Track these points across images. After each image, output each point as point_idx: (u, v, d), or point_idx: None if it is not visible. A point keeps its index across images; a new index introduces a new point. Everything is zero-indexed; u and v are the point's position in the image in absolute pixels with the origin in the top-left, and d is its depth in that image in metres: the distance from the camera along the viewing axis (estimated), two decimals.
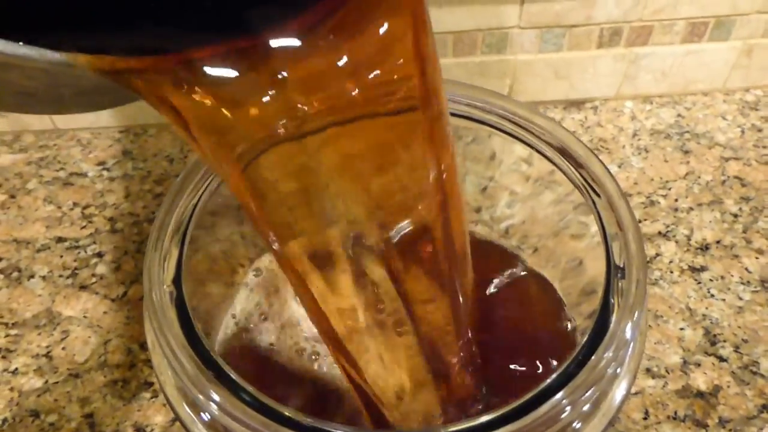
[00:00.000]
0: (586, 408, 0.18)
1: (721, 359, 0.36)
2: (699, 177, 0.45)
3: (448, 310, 0.19)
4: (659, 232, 0.42)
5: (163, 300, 0.21)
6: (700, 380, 0.35)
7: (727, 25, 0.47)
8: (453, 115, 0.28)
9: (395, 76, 0.16)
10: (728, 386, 0.35)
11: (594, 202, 0.23)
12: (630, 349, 0.18)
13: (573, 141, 0.24)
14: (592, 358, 0.18)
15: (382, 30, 0.16)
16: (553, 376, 0.18)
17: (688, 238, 0.42)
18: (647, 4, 0.45)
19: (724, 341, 0.37)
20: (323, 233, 0.17)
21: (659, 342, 0.36)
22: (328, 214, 0.17)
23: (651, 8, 0.45)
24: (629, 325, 0.19)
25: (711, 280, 0.39)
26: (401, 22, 0.16)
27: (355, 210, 0.17)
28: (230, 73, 0.15)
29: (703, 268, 0.40)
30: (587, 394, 0.18)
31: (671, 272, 0.40)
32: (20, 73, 0.14)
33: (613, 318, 0.19)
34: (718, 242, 0.41)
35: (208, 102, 0.16)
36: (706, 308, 0.38)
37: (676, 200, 0.44)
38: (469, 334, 0.21)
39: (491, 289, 0.27)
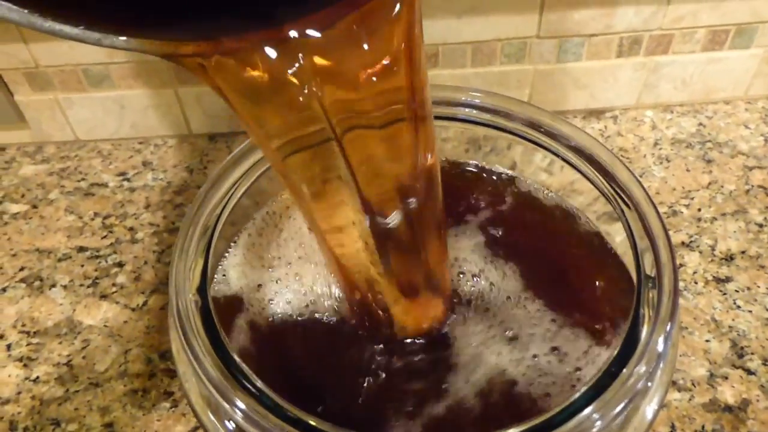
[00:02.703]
0: (616, 423, 0.18)
1: (749, 372, 0.35)
2: (722, 186, 0.45)
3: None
4: (682, 243, 0.41)
5: (188, 308, 0.21)
6: (727, 394, 0.34)
7: (748, 33, 0.47)
8: (475, 123, 0.28)
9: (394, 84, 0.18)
10: (757, 400, 0.34)
11: (622, 210, 0.22)
12: (662, 363, 0.18)
13: (598, 147, 0.24)
14: (623, 371, 0.18)
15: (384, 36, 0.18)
16: (583, 389, 0.18)
17: (712, 248, 0.41)
18: (667, 12, 0.45)
19: (752, 354, 0.36)
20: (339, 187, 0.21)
21: (684, 354, 0.36)
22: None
23: (671, 17, 0.45)
24: (661, 338, 0.18)
25: (737, 291, 0.39)
26: (400, 27, 0.17)
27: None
28: (261, 61, 0.17)
29: (728, 279, 0.39)
30: (618, 409, 0.18)
31: (695, 283, 0.39)
32: None
33: (644, 330, 0.19)
34: (743, 253, 0.41)
35: (245, 86, 0.17)
36: (733, 320, 0.37)
37: (699, 210, 0.43)
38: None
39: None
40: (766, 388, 0.34)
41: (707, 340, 0.36)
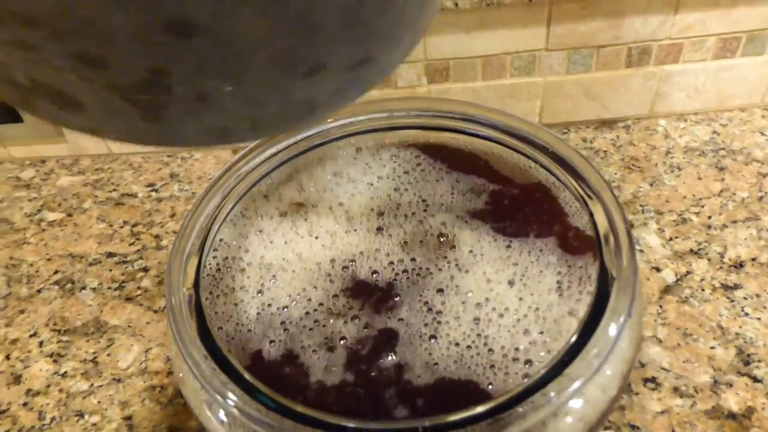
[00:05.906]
0: (571, 407, 0.19)
1: (756, 380, 0.35)
2: (734, 194, 0.44)
3: None
4: (691, 250, 0.41)
5: (182, 303, 0.22)
6: (731, 401, 0.34)
7: (761, 39, 0.46)
8: (459, 132, 0.29)
9: None
10: (763, 408, 0.34)
11: (591, 212, 0.23)
12: (614, 351, 0.19)
13: (574, 154, 0.25)
14: (576, 358, 0.18)
15: None
16: (540, 373, 0.19)
17: (721, 255, 0.41)
18: (675, 21, 0.45)
19: (759, 361, 0.35)
20: None
21: (688, 360, 0.36)
22: None
23: (679, 26, 0.45)
24: (613, 326, 0.19)
25: (745, 298, 0.38)
26: None
27: None
28: None
29: (736, 286, 0.39)
30: (571, 390, 0.18)
31: (702, 290, 0.39)
32: None
33: (601, 322, 0.19)
34: (753, 260, 0.40)
35: None
36: (740, 327, 0.37)
37: (710, 218, 0.43)
38: None
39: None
40: None
41: (712, 347, 0.36)
